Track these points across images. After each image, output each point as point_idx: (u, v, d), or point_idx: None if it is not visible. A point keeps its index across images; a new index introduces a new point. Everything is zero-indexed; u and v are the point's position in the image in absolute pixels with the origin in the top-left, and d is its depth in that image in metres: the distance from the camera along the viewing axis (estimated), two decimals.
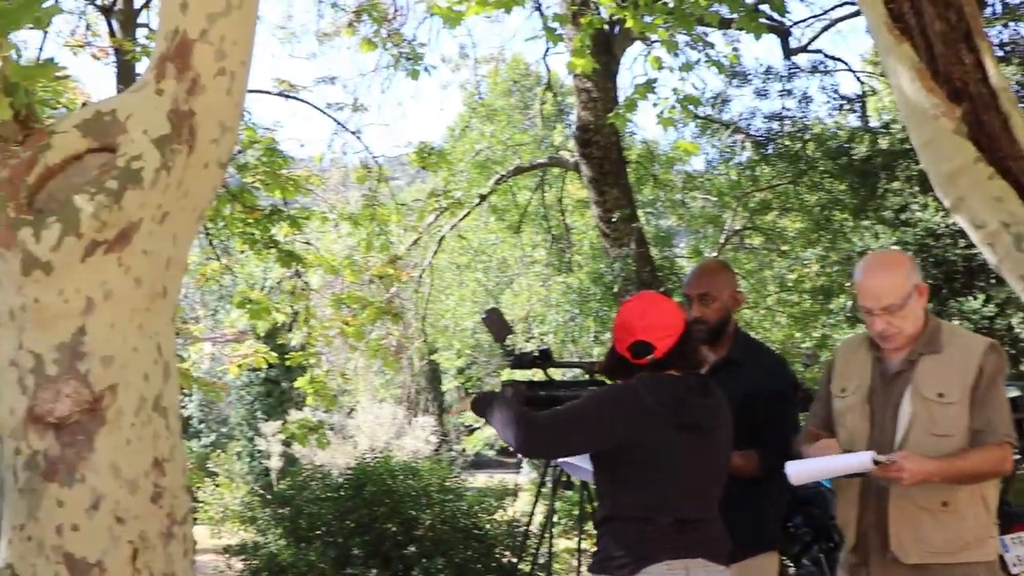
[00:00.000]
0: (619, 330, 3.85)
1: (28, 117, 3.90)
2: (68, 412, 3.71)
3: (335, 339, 11.17)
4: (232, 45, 3.97)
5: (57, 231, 3.65)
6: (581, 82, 12.07)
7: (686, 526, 3.67)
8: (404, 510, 9.53)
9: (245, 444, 28.19)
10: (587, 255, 15.75)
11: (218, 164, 4.09)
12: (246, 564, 10.23)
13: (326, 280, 11.84)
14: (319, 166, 11.92)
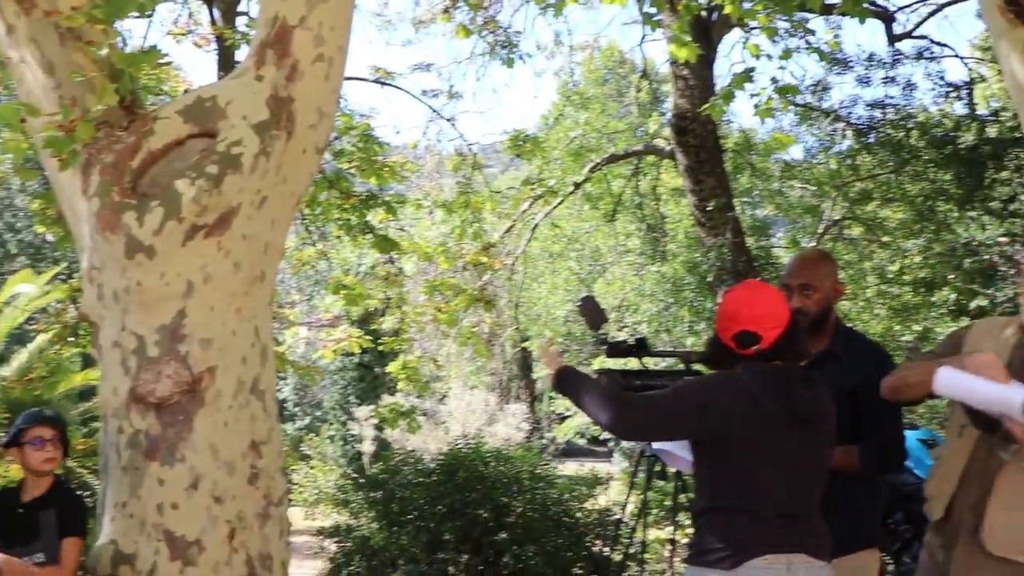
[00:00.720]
0: (723, 319, 3.77)
1: (132, 103, 3.97)
2: (168, 393, 3.78)
3: (427, 325, 11.24)
4: (330, 31, 4.00)
5: (159, 215, 3.72)
6: (678, 69, 11.94)
7: (789, 521, 3.57)
8: (495, 496, 9.55)
9: (338, 428, 28.58)
10: (682, 244, 15.59)
11: (315, 150, 4.13)
12: (339, 546, 10.36)
13: (420, 267, 11.92)
14: (414, 153, 11.99)
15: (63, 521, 4.18)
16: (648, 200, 17.23)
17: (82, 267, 4.02)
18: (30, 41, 3.95)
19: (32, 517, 4.16)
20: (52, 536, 4.10)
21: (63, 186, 4.05)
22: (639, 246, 18.75)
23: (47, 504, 4.20)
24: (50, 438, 4.30)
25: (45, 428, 4.34)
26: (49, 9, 3.85)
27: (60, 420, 4.50)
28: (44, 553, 4.10)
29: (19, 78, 4.08)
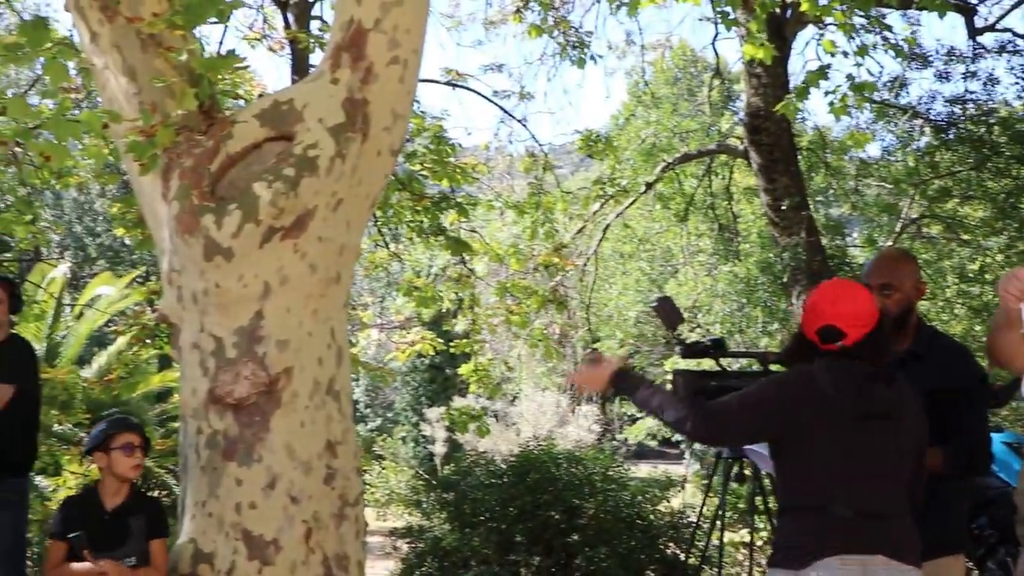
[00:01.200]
0: (809, 313, 3.72)
1: (211, 108, 4.03)
2: (246, 394, 3.82)
3: (499, 327, 11.24)
4: (405, 34, 4.02)
5: (237, 218, 3.76)
6: (751, 67, 11.80)
7: (866, 520, 3.50)
8: (567, 498, 9.52)
9: (409, 429, 28.77)
10: (755, 244, 15.40)
11: (390, 152, 4.15)
12: (411, 547, 10.40)
13: (491, 268, 11.93)
14: (485, 154, 12.01)
15: (150, 524, 4.25)
16: (720, 200, 17.06)
17: (162, 270, 4.08)
18: (113, 48, 4.02)
19: (119, 522, 4.23)
20: (141, 540, 4.18)
21: (144, 190, 4.12)
22: (711, 246, 18.57)
23: (133, 509, 4.27)
24: (139, 444, 4.39)
25: (134, 435, 4.42)
26: (131, 16, 3.92)
27: (141, 426, 4.59)
28: (135, 556, 4.17)
29: (102, 84, 4.16)
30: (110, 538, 4.22)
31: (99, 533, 4.25)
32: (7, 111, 8.50)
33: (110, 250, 33.38)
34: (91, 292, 17.42)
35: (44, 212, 14.66)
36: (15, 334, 5.79)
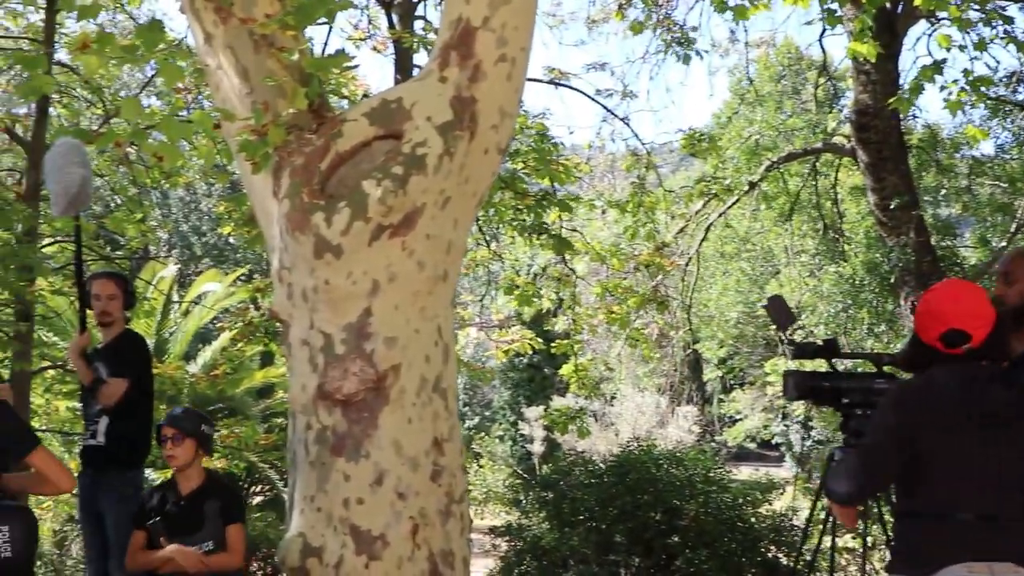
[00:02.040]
0: (928, 318, 3.58)
1: (321, 107, 4.07)
2: (355, 390, 3.85)
3: (599, 327, 11.20)
4: (513, 32, 4.01)
5: (347, 215, 3.79)
6: (860, 64, 11.53)
7: (991, 524, 3.38)
8: (668, 499, 9.45)
9: (507, 428, 28.83)
10: (861, 244, 15.07)
11: (497, 150, 4.15)
12: (511, 545, 10.43)
13: (591, 267, 11.88)
14: (586, 153, 11.96)
15: (225, 510, 4.31)
16: (825, 199, 16.75)
17: (272, 267, 4.14)
18: (226, 49, 4.09)
19: (193, 509, 4.32)
20: (217, 525, 4.24)
21: (255, 188, 4.18)
22: (814, 247, 18.26)
23: (207, 495, 4.35)
24: (170, 436, 4.48)
25: (167, 428, 4.52)
26: (244, 17, 3.98)
27: (186, 419, 4.65)
28: (212, 541, 4.24)
29: (215, 85, 4.23)
30: (186, 524, 4.30)
31: (175, 519, 4.34)
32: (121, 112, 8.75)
33: (215, 248, 34.13)
34: (197, 290, 17.86)
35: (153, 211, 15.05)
36: (130, 329, 5.94)
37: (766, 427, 27.29)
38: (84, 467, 5.60)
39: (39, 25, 11.37)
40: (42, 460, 3.51)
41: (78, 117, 12.72)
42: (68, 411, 13.50)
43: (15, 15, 11.35)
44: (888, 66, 11.80)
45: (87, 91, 11.57)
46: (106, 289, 5.65)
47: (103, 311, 5.61)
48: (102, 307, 5.61)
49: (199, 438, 4.48)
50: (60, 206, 5.49)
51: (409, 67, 9.53)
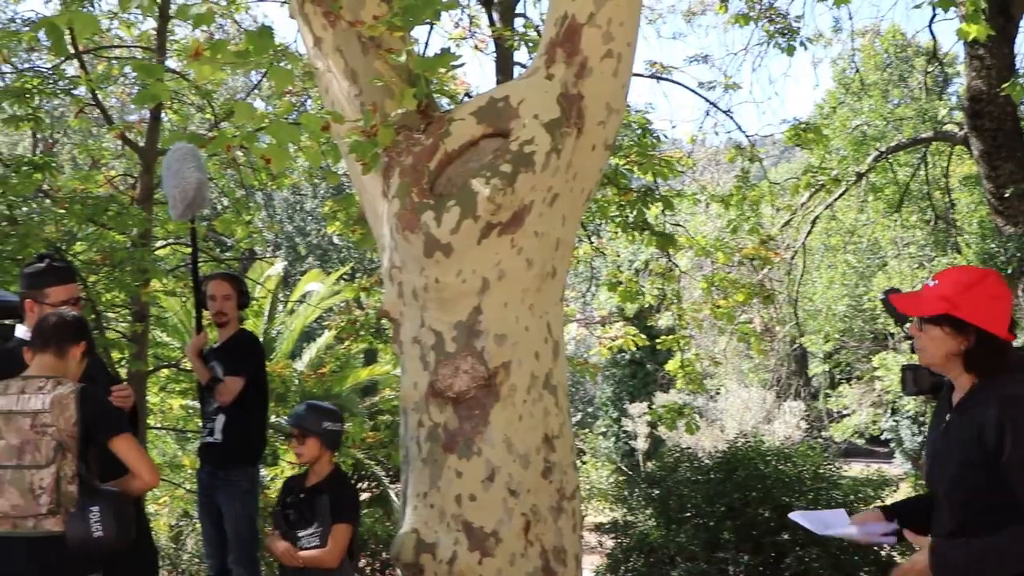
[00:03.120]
0: None
1: (428, 107, 4.11)
2: (466, 387, 3.88)
3: (704, 322, 11.09)
4: (619, 27, 3.99)
5: (456, 214, 3.82)
6: (973, 49, 11.22)
7: None
8: (777, 496, 9.32)
9: (610, 424, 28.73)
10: (975, 235, 14.66)
11: (604, 146, 4.14)
12: (617, 542, 10.40)
13: (694, 262, 11.78)
14: (688, 147, 11.86)
15: (335, 507, 4.37)
16: (936, 189, 16.33)
17: (383, 266, 4.19)
18: (335, 51, 4.16)
19: (310, 502, 4.38)
20: (326, 520, 4.30)
21: (365, 188, 4.24)
22: (922, 237, 17.84)
23: (323, 491, 4.40)
24: (295, 435, 4.54)
25: (292, 426, 4.60)
26: (353, 20, 4.04)
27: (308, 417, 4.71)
28: (319, 536, 4.30)
29: (325, 87, 4.30)
30: (301, 516, 4.37)
31: (294, 511, 4.41)
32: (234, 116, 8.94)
33: (319, 248, 34.68)
34: (302, 289, 18.18)
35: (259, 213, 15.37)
36: (244, 329, 6.07)
37: (875, 422, 26.74)
38: (202, 463, 5.75)
39: (151, 34, 11.69)
40: (125, 448, 3.61)
41: (188, 122, 13.05)
42: (181, 409, 13.87)
43: (129, 24, 11.67)
44: (1003, 50, 11.45)
45: (197, 96, 11.85)
46: (221, 290, 5.78)
47: (219, 311, 5.74)
48: (218, 307, 5.74)
49: (321, 435, 4.54)
50: (178, 210, 5.63)
51: (510, 65, 9.56)
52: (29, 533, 3.48)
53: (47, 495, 3.46)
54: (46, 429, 3.47)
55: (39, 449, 3.47)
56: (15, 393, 3.52)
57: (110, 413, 3.69)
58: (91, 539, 3.44)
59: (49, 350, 3.63)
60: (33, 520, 3.47)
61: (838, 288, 21.95)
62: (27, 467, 3.48)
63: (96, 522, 3.44)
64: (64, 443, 3.48)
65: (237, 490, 5.43)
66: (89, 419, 3.52)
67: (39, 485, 3.47)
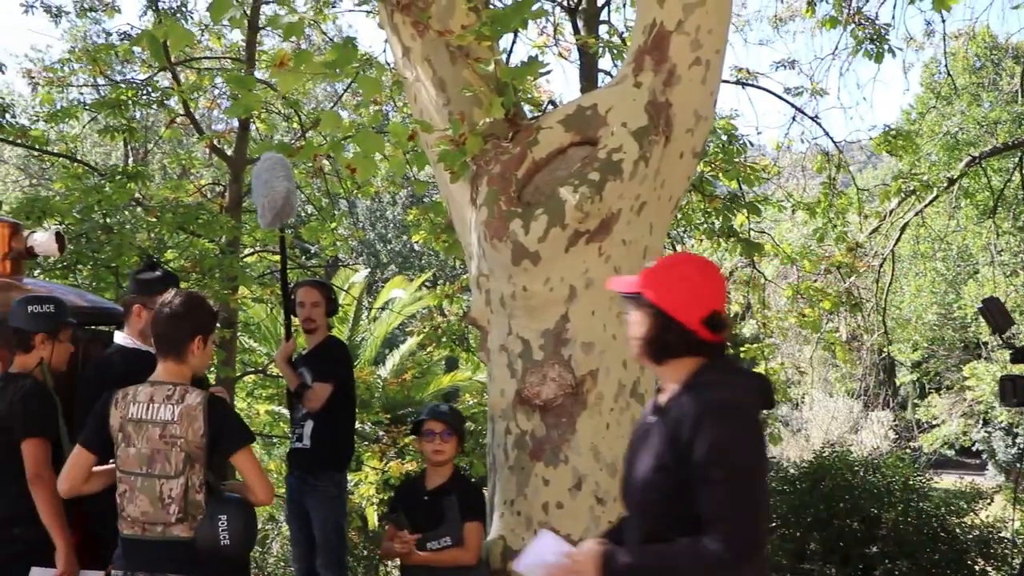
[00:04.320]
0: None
1: (516, 115, 4.13)
2: (553, 395, 3.89)
3: (789, 330, 10.96)
4: (707, 34, 3.98)
5: (544, 222, 3.83)
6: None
7: None
8: (865, 507, 9.14)
9: None
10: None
11: (692, 153, 4.12)
12: None
13: (779, 270, 11.64)
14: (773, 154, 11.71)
15: (464, 507, 4.36)
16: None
17: (470, 273, 4.22)
18: (424, 61, 4.20)
19: (436, 504, 4.38)
20: (455, 521, 4.30)
21: (453, 197, 4.27)
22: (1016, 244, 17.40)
23: (449, 492, 4.40)
24: (439, 431, 4.51)
25: (435, 422, 4.56)
26: (441, 29, 4.08)
27: (453, 416, 4.70)
28: (450, 537, 4.30)
29: (413, 96, 4.35)
30: (428, 519, 4.37)
31: (419, 514, 4.41)
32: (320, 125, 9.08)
33: (400, 255, 34.96)
34: (385, 296, 18.34)
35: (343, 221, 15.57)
36: (332, 335, 6.13)
37: (965, 433, 26.12)
38: (291, 469, 5.81)
39: (240, 45, 11.92)
40: (245, 463, 3.64)
41: (275, 132, 13.26)
42: (267, 415, 14.07)
43: (218, 36, 11.91)
44: None
45: (284, 107, 12.04)
46: (310, 297, 5.83)
47: (307, 318, 5.80)
48: (306, 314, 5.80)
49: (461, 436, 4.55)
50: (267, 218, 5.70)
51: (594, 72, 9.55)
52: (158, 538, 3.56)
53: (176, 504, 3.53)
54: (175, 440, 3.53)
55: (168, 460, 3.53)
56: (144, 401, 3.59)
57: (235, 425, 3.73)
58: (219, 547, 3.50)
59: (169, 356, 3.69)
60: (162, 526, 3.55)
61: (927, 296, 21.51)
62: (157, 476, 3.55)
63: (223, 530, 3.49)
64: (192, 454, 3.53)
65: (325, 496, 5.48)
66: (216, 430, 3.57)
67: (168, 495, 3.53)
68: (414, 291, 17.71)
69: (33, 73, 14.25)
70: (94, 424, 3.68)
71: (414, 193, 23.97)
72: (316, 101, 20.25)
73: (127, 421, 3.60)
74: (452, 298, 10.85)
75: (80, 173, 10.72)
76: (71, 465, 3.69)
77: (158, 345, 3.75)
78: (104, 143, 17.48)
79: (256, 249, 12.04)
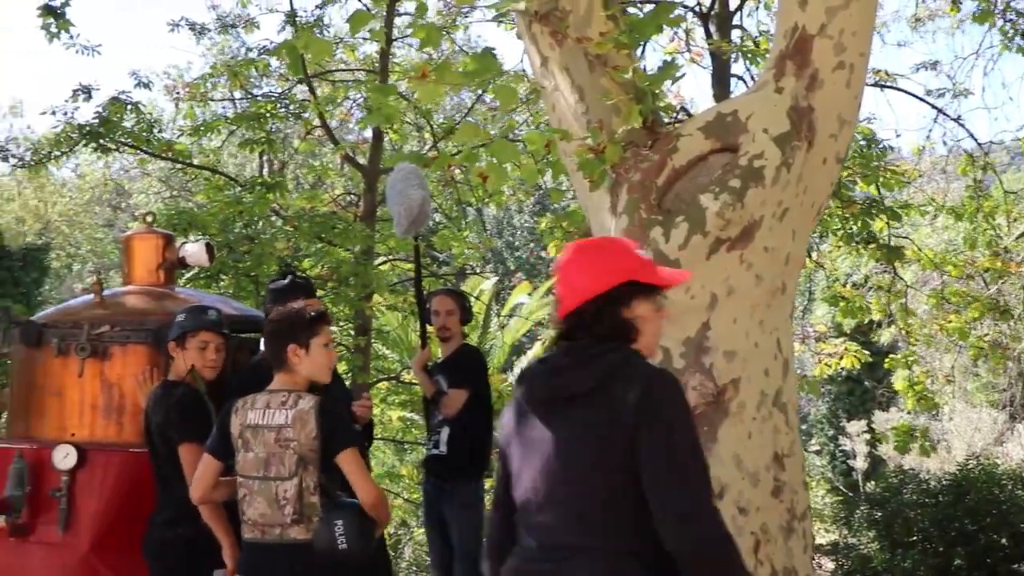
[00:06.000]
0: None
1: (654, 123, 4.11)
2: (694, 404, 3.84)
3: (933, 338, 10.62)
4: (851, 37, 3.91)
5: (684, 230, 3.81)
6: None
7: None
8: (1015, 522, 8.82)
9: (825, 442, 27.88)
10: None
11: (836, 159, 4.05)
12: (837, 564, 10.07)
13: (920, 276, 11.31)
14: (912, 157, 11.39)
15: None
16: None
17: None
18: (562, 70, 4.22)
19: None
20: None
21: (592, 205, 4.27)
22: None
23: None
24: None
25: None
26: (580, 37, 4.09)
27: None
28: None
29: (551, 105, 4.37)
30: None
31: None
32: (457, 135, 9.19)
33: (527, 263, 35.10)
34: (512, 303, 18.44)
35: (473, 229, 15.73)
36: (467, 343, 6.19)
37: None
38: (427, 476, 5.90)
39: (374, 57, 12.15)
40: (350, 464, 3.70)
41: (406, 141, 13.46)
42: (400, 421, 14.27)
43: (352, 48, 12.16)
44: None
45: (415, 117, 12.23)
46: (445, 305, 5.91)
47: (442, 326, 5.88)
48: (441, 322, 5.88)
49: None
50: (402, 227, 5.80)
51: (727, 77, 9.44)
52: (276, 540, 3.66)
53: (291, 506, 3.63)
54: (289, 443, 3.64)
55: (283, 462, 3.64)
56: (261, 407, 3.71)
57: (343, 427, 3.81)
58: (337, 551, 3.57)
59: (279, 367, 3.80)
60: (279, 528, 3.65)
61: None
62: (272, 479, 3.66)
63: (340, 534, 3.56)
64: (305, 457, 3.63)
65: (462, 503, 5.54)
66: (327, 433, 3.66)
67: (283, 496, 3.64)
68: (540, 297, 17.76)
69: (175, 89, 14.82)
70: (218, 432, 3.84)
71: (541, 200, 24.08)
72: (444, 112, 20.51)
73: (245, 427, 3.73)
74: None
75: (221, 185, 11.08)
76: (200, 473, 3.84)
77: (268, 357, 3.88)
78: (240, 155, 18.01)
79: (389, 258, 12.23)
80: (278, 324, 3.86)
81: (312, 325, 3.84)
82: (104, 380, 4.79)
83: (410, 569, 14.89)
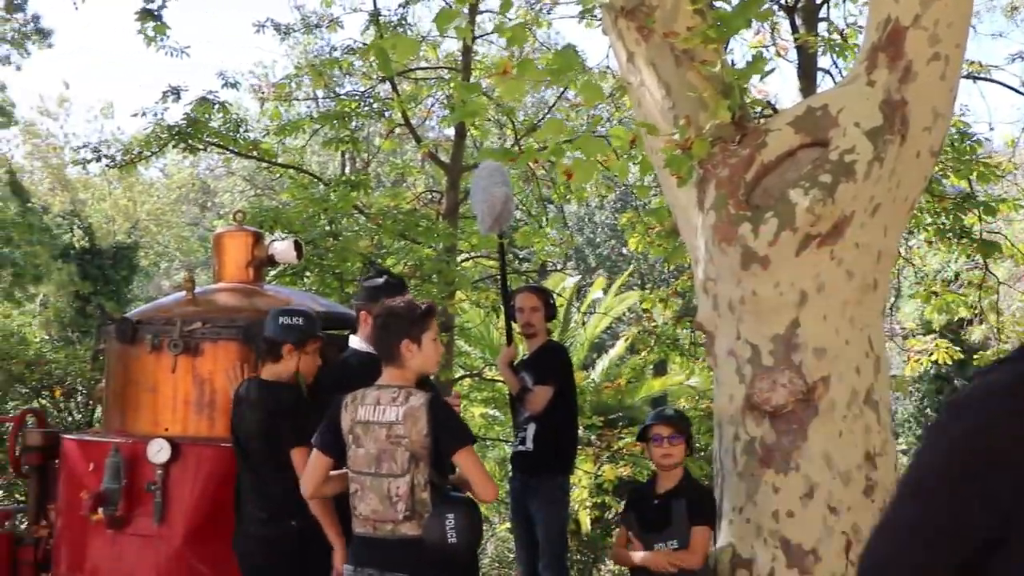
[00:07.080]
0: None
1: (742, 118, 4.07)
2: (783, 402, 3.81)
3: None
4: (946, 28, 3.82)
5: (773, 226, 3.76)
6: None
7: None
8: None
9: (913, 441, 27.40)
10: None
11: (930, 152, 3.96)
12: None
13: (1013, 272, 11.04)
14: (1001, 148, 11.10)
15: (692, 510, 4.32)
16: None
17: (696, 278, 4.18)
18: (648, 65, 4.19)
19: (665, 507, 4.36)
20: (682, 524, 4.27)
21: (679, 201, 4.25)
22: None
23: (679, 495, 4.37)
24: (667, 435, 4.48)
25: (663, 427, 4.53)
26: (666, 32, 4.06)
27: (680, 419, 4.66)
28: (677, 540, 4.28)
29: (637, 100, 4.35)
30: (656, 521, 4.35)
31: (648, 518, 4.41)
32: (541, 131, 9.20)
33: (608, 259, 34.94)
34: (590, 299, 18.38)
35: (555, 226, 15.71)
36: (552, 340, 6.19)
37: None
38: (514, 472, 5.91)
39: (456, 55, 12.20)
40: (467, 461, 3.71)
41: (487, 138, 13.50)
42: (482, 418, 14.31)
43: (434, 46, 12.22)
44: None
45: (498, 114, 12.25)
46: (529, 302, 5.91)
47: (527, 323, 5.87)
48: (526, 319, 5.88)
49: (689, 439, 4.53)
50: (486, 224, 5.81)
51: (813, 71, 9.30)
52: (387, 536, 3.69)
53: (403, 502, 3.65)
54: (400, 440, 3.65)
55: (394, 459, 3.65)
56: (371, 404, 3.73)
57: (457, 426, 3.83)
58: (447, 545, 3.60)
59: (388, 362, 3.81)
60: (391, 524, 3.67)
61: None
62: (384, 475, 3.68)
63: (451, 529, 3.59)
64: (416, 453, 3.64)
65: (548, 498, 5.53)
66: (438, 430, 3.67)
67: (395, 493, 3.66)
68: (615, 293, 17.67)
69: (260, 89, 15.04)
70: (327, 428, 3.85)
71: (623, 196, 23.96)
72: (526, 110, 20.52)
73: (356, 423, 3.75)
74: (667, 302, 10.74)
75: (306, 183, 11.21)
76: (311, 469, 3.87)
77: (377, 353, 3.89)
78: (323, 153, 18.20)
79: (471, 255, 12.27)
80: (390, 319, 3.85)
81: (424, 319, 3.86)
82: (196, 376, 4.88)
83: (492, 565, 14.95)
